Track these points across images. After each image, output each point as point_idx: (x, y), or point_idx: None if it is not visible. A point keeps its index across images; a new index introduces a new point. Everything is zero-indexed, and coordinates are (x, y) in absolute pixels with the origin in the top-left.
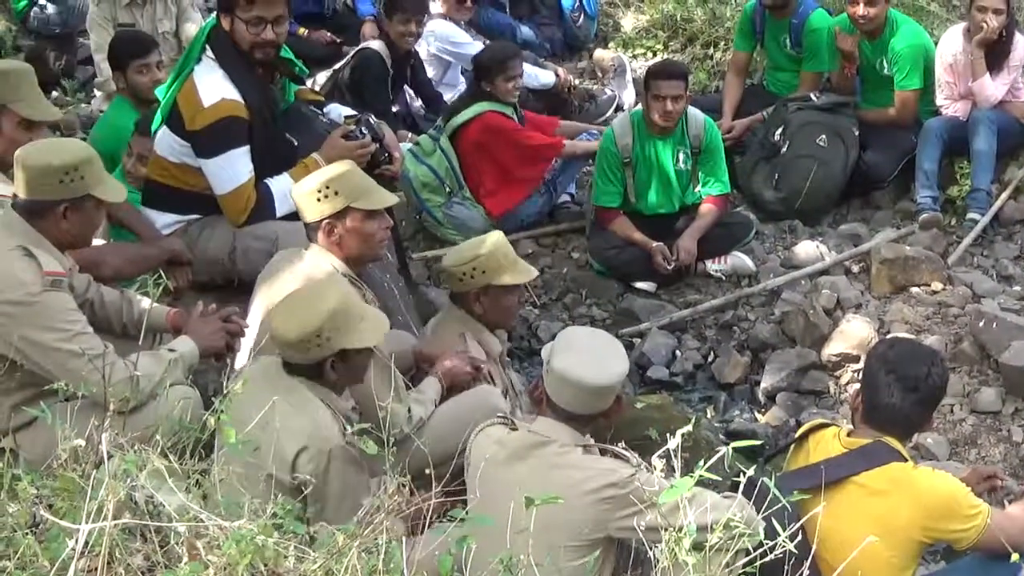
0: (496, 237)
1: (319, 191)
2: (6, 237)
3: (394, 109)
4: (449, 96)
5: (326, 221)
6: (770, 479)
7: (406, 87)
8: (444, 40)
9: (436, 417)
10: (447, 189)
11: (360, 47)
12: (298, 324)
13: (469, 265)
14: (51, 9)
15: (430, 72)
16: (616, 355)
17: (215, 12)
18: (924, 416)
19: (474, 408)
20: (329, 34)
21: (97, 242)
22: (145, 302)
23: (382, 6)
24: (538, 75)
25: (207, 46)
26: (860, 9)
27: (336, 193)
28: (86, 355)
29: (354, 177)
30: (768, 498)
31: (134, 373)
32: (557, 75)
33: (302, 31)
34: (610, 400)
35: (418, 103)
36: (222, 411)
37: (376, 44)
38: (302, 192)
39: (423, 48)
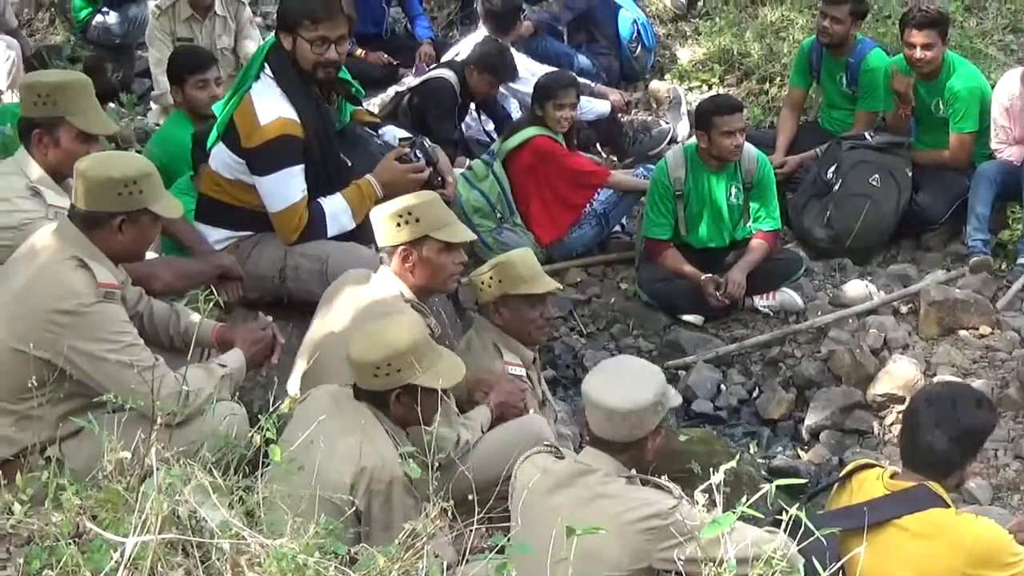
0: (520, 251)
1: (400, 216)
2: (61, 247)
3: None
4: None
5: (403, 247)
6: (811, 518)
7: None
8: None
9: (483, 443)
10: (498, 215)
11: (430, 74)
12: (373, 348)
13: (488, 274)
14: (112, 20)
15: None
16: (646, 382)
17: (274, 31)
18: (964, 457)
19: (521, 436)
20: (386, 56)
21: (149, 255)
22: (195, 316)
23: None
24: (594, 107)
25: (265, 64)
26: (917, 52)
27: (417, 220)
28: (136, 367)
29: (437, 207)
30: (809, 536)
31: (183, 387)
32: (611, 100)
33: (360, 52)
34: (644, 428)
35: (473, 129)
36: (268, 429)
37: (447, 73)
38: (383, 215)
39: None
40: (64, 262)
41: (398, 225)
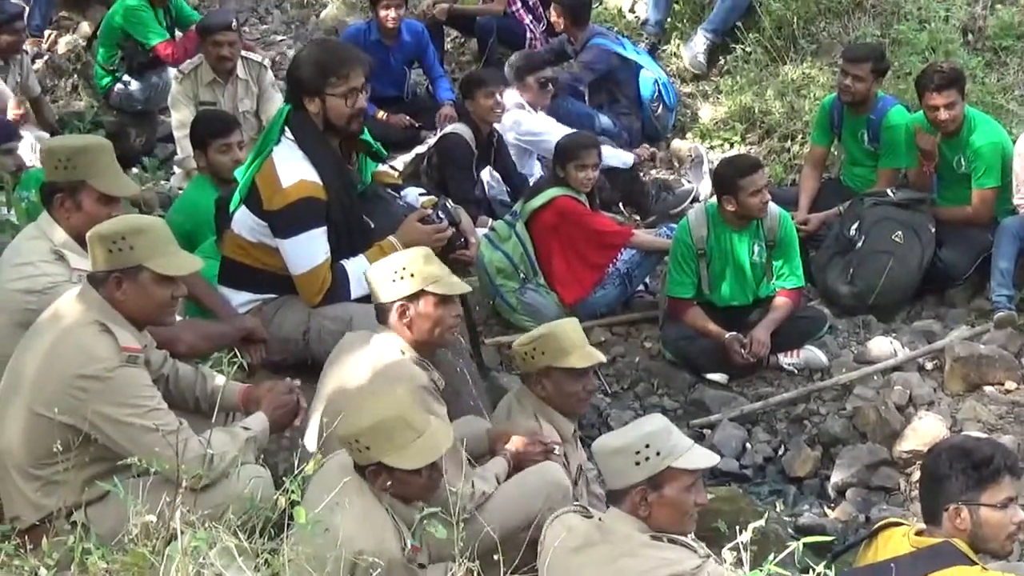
0: (565, 321)
1: (395, 272)
2: (84, 311)
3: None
4: None
5: (399, 303)
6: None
7: (485, 172)
8: (522, 129)
9: (500, 493)
10: (521, 275)
11: (445, 131)
12: (346, 423)
13: (531, 345)
14: (134, 86)
15: None
16: (644, 423)
17: (290, 98)
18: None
19: (538, 483)
20: (408, 118)
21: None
22: (219, 379)
23: (460, 88)
24: (617, 155)
25: (286, 127)
26: (941, 114)
27: (412, 275)
28: (160, 431)
29: (430, 262)
30: None
31: (207, 450)
32: (636, 154)
33: (381, 114)
34: (627, 478)
35: (495, 189)
36: (293, 491)
37: (460, 127)
38: (377, 273)
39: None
40: (87, 327)
41: (393, 281)
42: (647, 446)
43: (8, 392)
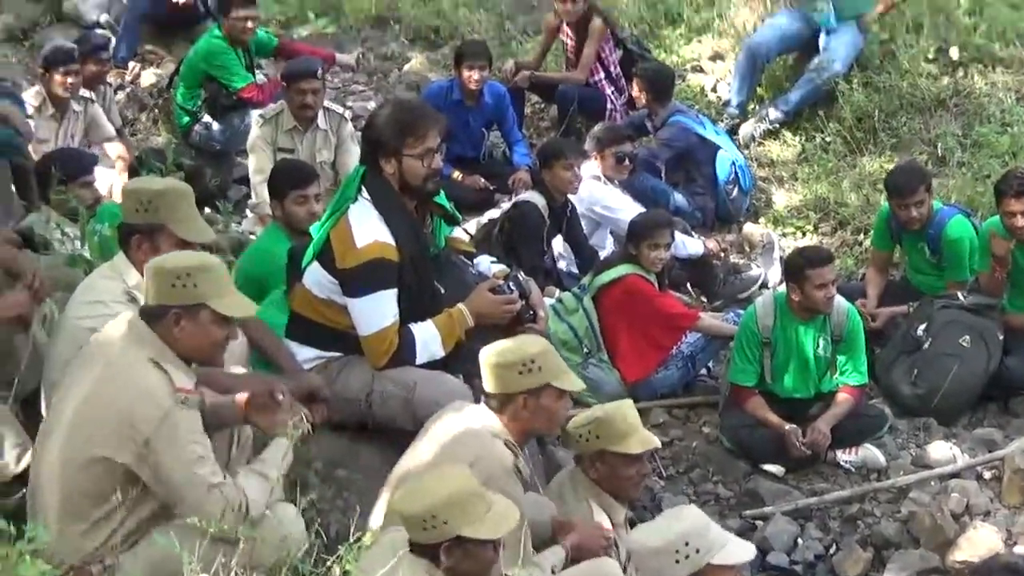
0: (621, 404)
1: (524, 365)
2: (138, 348)
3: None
4: None
5: (524, 395)
6: None
7: (556, 241)
8: (597, 201)
9: None
10: (585, 349)
11: (518, 198)
12: (417, 500)
13: (586, 427)
14: (215, 127)
15: None
16: (679, 519)
17: (365, 159)
18: None
19: None
20: (483, 180)
21: (238, 370)
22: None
23: (538, 156)
24: (687, 244)
25: (363, 187)
26: (1019, 220)
27: (540, 368)
28: (206, 484)
29: (555, 356)
30: None
31: (244, 499)
32: (706, 246)
33: (456, 175)
34: (681, 569)
35: (565, 260)
36: (348, 561)
37: (534, 196)
38: (501, 361)
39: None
40: (140, 364)
41: (520, 373)
42: (686, 544)
43: (51, 428)
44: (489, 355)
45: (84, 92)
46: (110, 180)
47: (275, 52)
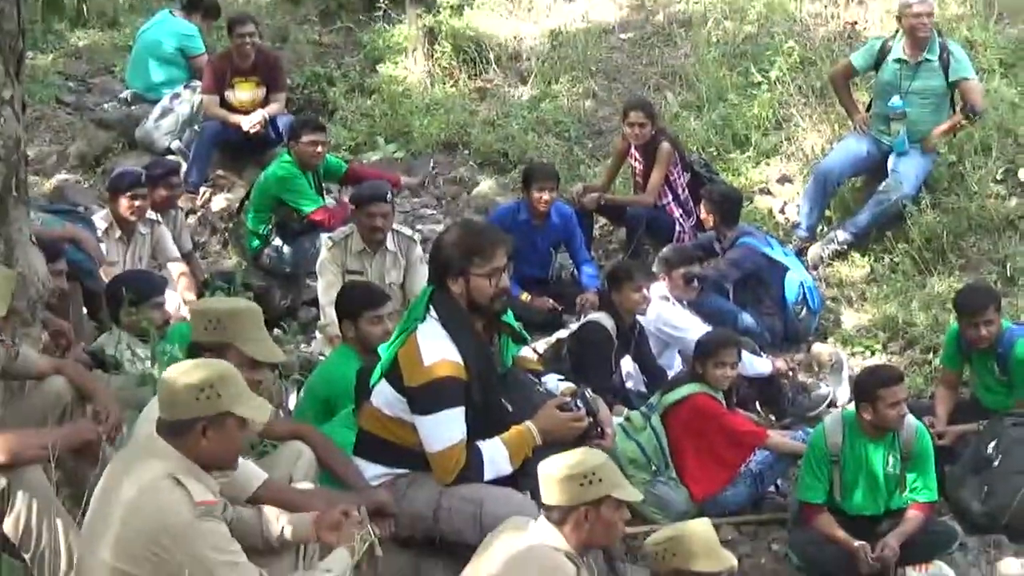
0: (699, 523)
1: (585, 477)
2: (158, 465)
3: None
4: None
5: (585, 507)
6: None
7: (624, 361)
8: (665, 322)
9: None
10: (653, 467)
11: (587, 319)
12: None
13: (663, 545)
14: (285, 250)
15: None
16: None
17: (433, 279)
18: None
19: None
20: (551, 301)
21: (306, 486)
22: (283, 518)
23: (606, 278)
24: (755, 364)
25: (431, 307)
26: None
27: (600, 480)
28: None
29: (614, 467)
30: None
31: None
32: (774, 366)
33: (525, 296)
34: None
35: (634, 379)
36: None
37: (602, 317)
38: (562, 475)
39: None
40: (161, 481)
41: (581, 485)
42: (594, 474)
43: (90, 546)
44: (550, 468)
45: (151, 215)
46: (175, 300)
47: (343, 178)
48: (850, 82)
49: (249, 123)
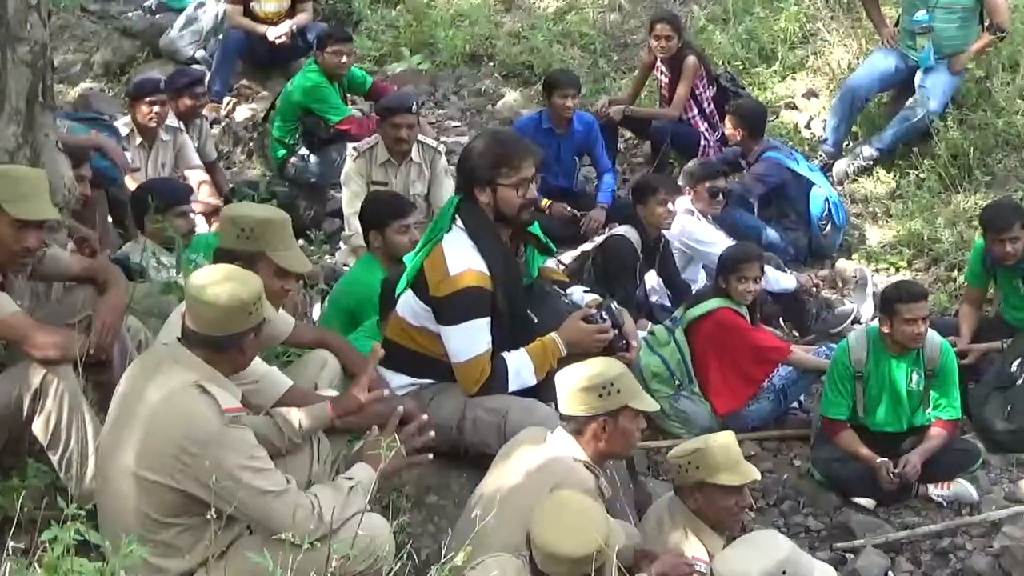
0: (723, 436)
1: (603, 387)
2: (182, 374)
3: None
4: None
5: (603, 418)
6: None
7: (649, 275)
8: (689, 236)
9: None
10: (676, 382)
11: (611, 232)
12: (580, 544)
13: (686, 458)
14: (311, 160)
15: None
16: (774, 548)
17: (460, 189)
18: None
19: None
20: (569, 208)
21: (331, 393)
22: (292, 413)
23: (632, 192)
24: (779, 279)
25: (456, 216)
26: None
27: (619, 391)
28: (269, 493)
29: (631, 378)
30: None
31: (316, 503)
32: (798, 281)
33: (545, 202)
34: None
35: (658, 294)
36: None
37: (627, 230)
38: (580, 385)
39: None
40: (187, 390)
41: (599, 396)
42: (784, 573)
43: (112, 452)
44: (568, 378)
45: (172, 122)
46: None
47: (368, 93)
48: None
49: (275, 34)
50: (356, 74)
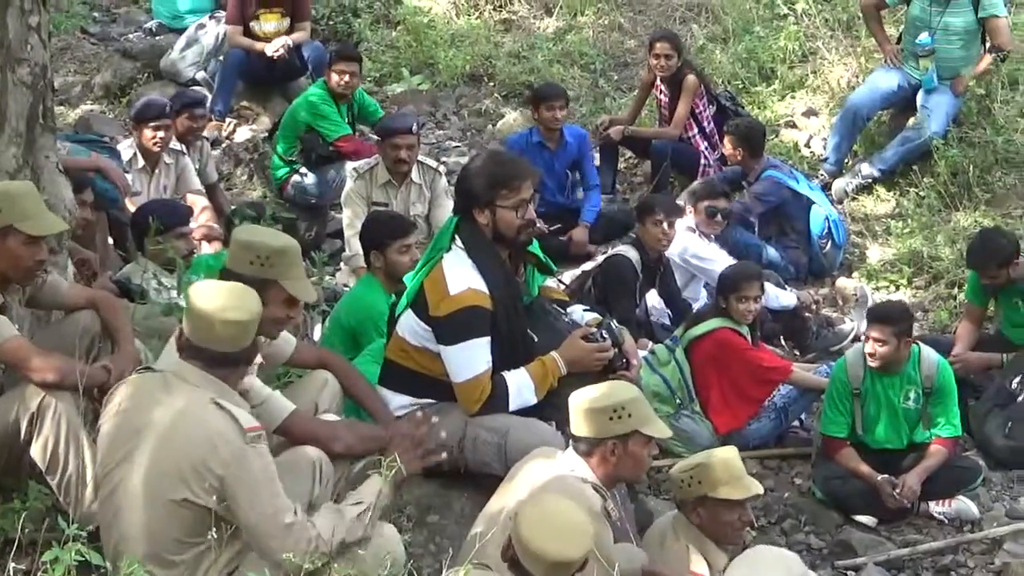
0: (725, 451)
1: (615, 411)
2: (196, 392)
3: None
4: None
5: (613, 441)
6: None
7: (650, 295)
8: (690, 253)
9: None
10: (677, 401)
11: (612, 251)
12: (576, 548)
13: (688, 473)
14: (310, 179)
15: None
16: (778, 567)
17: (458, 210)
18: None
19: None
20: (541, 223)
21: (331, 417)
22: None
23: (635, 211)
24: (779, 296)
25: (456, 236)
26: None
27: (630, 416)
28: (281, 523)
29: (644, 403)
30: None
31: (313, 535)
32: (798, 299)
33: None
34: None
35: (658, 312)
36: None
37: (628, 249)
38: (592, 407)
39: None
40: (205, 407)
41: (610, 419)
42: (623, 408)
43: (116, 470)
44: (580, 400)
45: (175, 145)
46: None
47: (377, 123)
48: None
49: (272, 49)
50: (369, 103)
